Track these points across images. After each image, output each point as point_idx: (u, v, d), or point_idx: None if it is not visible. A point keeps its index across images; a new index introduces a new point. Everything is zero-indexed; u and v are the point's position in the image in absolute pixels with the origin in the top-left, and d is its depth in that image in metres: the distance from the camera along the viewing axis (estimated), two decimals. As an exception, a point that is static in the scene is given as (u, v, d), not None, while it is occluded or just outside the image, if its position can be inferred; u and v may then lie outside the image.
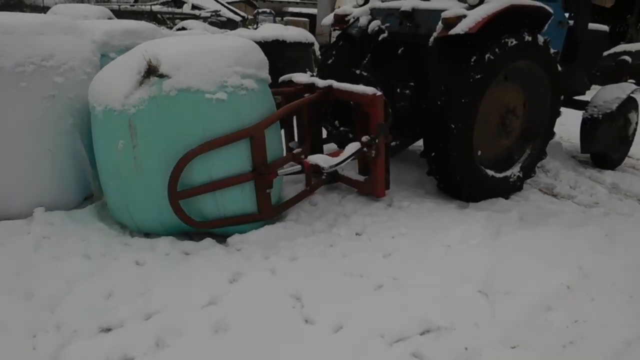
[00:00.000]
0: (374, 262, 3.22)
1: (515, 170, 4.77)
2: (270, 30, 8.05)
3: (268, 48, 5.69)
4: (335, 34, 5.56)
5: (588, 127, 5.66)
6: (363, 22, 5.00)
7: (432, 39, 4.24)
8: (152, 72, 3.21)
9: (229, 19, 30.01)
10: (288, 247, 3.35)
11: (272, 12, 30.71)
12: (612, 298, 2.87)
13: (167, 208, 3.33)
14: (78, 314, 2.55)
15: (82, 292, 2.73)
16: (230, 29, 21.68)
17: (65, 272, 2.91)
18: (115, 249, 3.25)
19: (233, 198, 3.47)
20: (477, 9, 4.01)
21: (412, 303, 2.75)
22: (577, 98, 6.22)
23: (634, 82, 7.33)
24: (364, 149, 3.93)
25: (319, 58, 10.35)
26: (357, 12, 5.14)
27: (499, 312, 2.73)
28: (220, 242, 3.45)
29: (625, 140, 6.07)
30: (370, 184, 4.19)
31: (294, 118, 4.55)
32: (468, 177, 4.32)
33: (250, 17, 33.71)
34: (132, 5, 33.14)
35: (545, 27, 4.53)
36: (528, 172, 4.88)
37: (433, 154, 4.28)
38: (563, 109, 5.16)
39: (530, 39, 4.27)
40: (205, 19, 26.00)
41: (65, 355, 2.30)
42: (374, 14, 5.07)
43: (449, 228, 3.67)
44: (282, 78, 4.53)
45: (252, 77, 3.43)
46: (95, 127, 3.50)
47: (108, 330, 2.50)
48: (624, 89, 5.84)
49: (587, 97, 6.14)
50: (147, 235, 3.54)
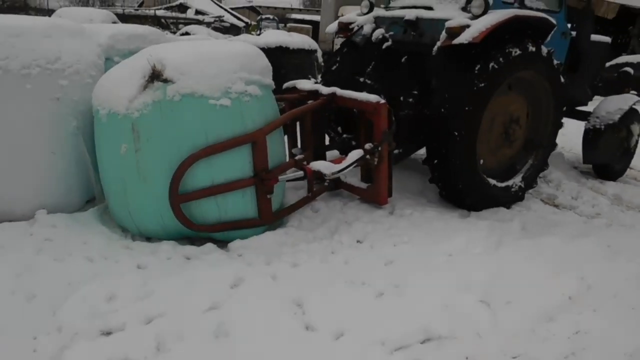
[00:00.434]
0: (376, 269, 3.22)
1: (517, 180, 4.78)
2: (274, 37, 8.09)
3: (271, 54, 5.70)
4: (338, 41, 5.59)
5: (590, 137, 5.68)
6: (367, 30, 5.02)
7: (436, 48, 4.26)
8: (156, 76, 3.24)
9: (232, 25, 30.22)
10: (289, 253, 3.35)
11: (275, 18, 30.94)
12: (614, 309, 2.86)
13: (168, 212, 3.34)
14: (79, 317, 2.54)
15: (83, 294, 2.73)
16: (234, 35, 21.81)
17: (67, 274, 2.91)
18: (117, 252, 3.25)
19: (234, 202, 3.48)
20: (480, 19, 4.03)
21: (413, 311, 2.74)
22: (579, 108, 6.23)
23: (636, 93, 7.36)
24: (367, 157, 3.94)
25: (322, 65, 10.40)
26: (361, 20, 5.17)
27: (501, 321, 2.72)
28: (222, 247, 3.46)
29: (627, 152, 6.09)
30: (373, 192, 4.20)
31: (297, 124, 4.56)
32: (470, 185, 4.32)
33: (254, 23, 33.93)
34: (136, 10, 33.40)
35: (549, 37, 4.55)
36: (530, 182, 4.89)
37: (436, 162, 4.29)
38: (565, 119, 5.17)
39: (534, 50, 4.29)
40: (209, 25, 26.20)
41: (66, 358, 2.29)
42: (378, 23, 5.10)
43: (451, 237, 3.67)
44: (286, 85, 4.55)
45: (256, 83, 3.45)
46: (99, 130, 3.52)
47: (109, 334, 2.49)
48: (627, 101, 5.86)
49: (589, 107, 6.16)
50: (148, 239, 3.54)
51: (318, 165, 3.83)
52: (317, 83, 4.64)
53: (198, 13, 31.80)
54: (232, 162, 3.38)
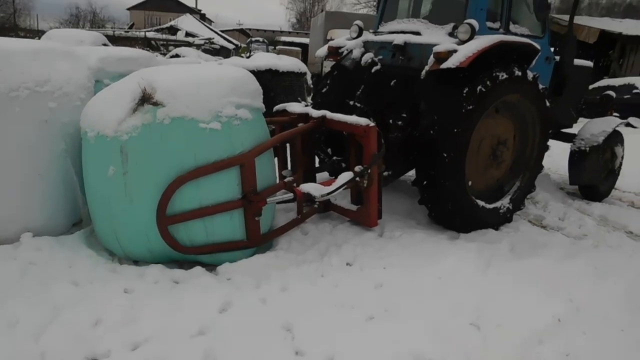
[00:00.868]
0: (366, 293, 3.21)
1: (505, 202, 4.83)
2: (264, 60, 8.15)
3: (261, 77, 5.75)
4: (328, 64, 5.65)
5: (576, 159, 5.78)
6: (356, 54, 5.10)
7: (424, 72, 4.33)
8: (146, 99, 3.23)
9: (222, 47, 30.41)
10: (279, 276, 3.33)
11: (264, 41, 31.32)
12: (603, 332, 2.87)
13: (155, 235, 3.31)
14: (63, 343, 2.49)
15: (68, 320, 2.68)
16: (224, 57, 21.95)
17: (52, 299, 2.85)
18: (104, 276, 3.20)
19: (222, 225, 3.46)
20: (467, 45, 4.12)
21: (403, 335, 2.72)
22: (564, 131, 6.35)
23: (619, 115, 7.52)
24: (357, 179, 3.95)
25: (311, 87, 10.50)
26: (350, 44, 5.25)
27: (491, 345, 2.72)
28: (210, 270, 3.42)
29: (612, 173, 6.19)
30: (363, 214, 4.20)
31: (288, 146, 4.58)
32: (459, 206, 4.35)
33: (244, 45, 34.26)
34: (126, 31, 33.57)
35: (534, 62, 4.66)
36: (518, 204, 4.94)
37: (425, 183, 4.32)
38: (551, 142, 5.26)
39: (520, 74, 4.38)
40: (199, 47, 26.34)
41: (49, 387, 2.24)
42: (367, 47, 5.19)
43: (440, 259, 3.68)
44: (276, 107, 4.58)
45: (246, 107, 3.46)
46: (86, 152, 3.49)
47: (94, 360, 2.44)
48: (610, 123, 5.99)
49: (574, 129, 6.28)
50: (136, 263, 3.50)
51: (308, 188, 3.83)
52: (307, 106, 4.67)
53: (188, 35, 32.00)
54: (220, 184, 3.38)
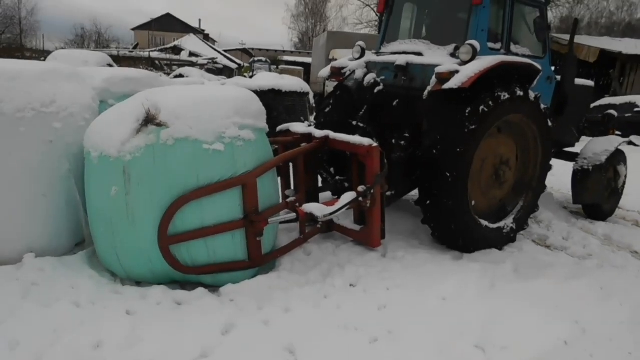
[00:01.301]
0: (369, 314, 3.18)
1: (509, 222, 4.81)
2: (267, 80, 8.24)
3: (264, 97, 5.81)
4: (330, 84, 5.70)
5: (579, 178, 5.78)
6: (359, 74, 5.14)
7: (426, 93, 4.36)
8: (150, 120, 3.25)
9: (225, 67, 30.79)
10: (282, 297, 3.30)
11: (267, 60, 31.61)
12: (610, 355, 2.84)
13: (157, 256, 3.30)
14: (64, 366, 2.46)
15: (69, 342, 2.65)
16: (227, 77, 22.21)
17: (53, 320, 2.83)
18: (106, 297, 3.19)
19: (224, 245, 3.45)
20: (469, 65, 4.16)
21: (407, 357, 2.69)
22: (567, 150, 6.36)
23: (620, 134, 7.54)
24: (360, 199, 3.95)
25: (314, 106, 10.58)
26: (353, 65, 5.30)
27: (497, 368, 2.68)
28: (213, 291, 3.40)
29: (615, 192, 6.17)
30: (366, 234, 4.19)
31: (291, 166, 4.59)
32: (462, 226, 4.34)
33: (246, 65, 34.62)
34: (131, 52, 33.99)
35: (535, 82, 4.69)
36: (521, 223, 4.92)
37: (428, 202, 4.32)
38: (553, 161, 5.26)
39: (522, 94, 4.41)
40: (202, 66, 26.66)
41: (49, 411, 2.21)
42: (370, 67, 5.23)
43: (444, 280, 3.65)
44: (280, 127, 4.61)
45: (249, 127, 3.49)
46: (89, 172, 3.50)
47: (95, 384, 2.41)
48: (612, 142, 6.00)
49: (576, 148, 6.29)
50: (138, 284, 3.48)
51: (310, 208, 3.82)
52: (310, 125, 4.70)
53: (192, 55, 32.42)
54: (222, 204, 3.37)
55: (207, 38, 49.92)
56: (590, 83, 6.58)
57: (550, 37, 5.60)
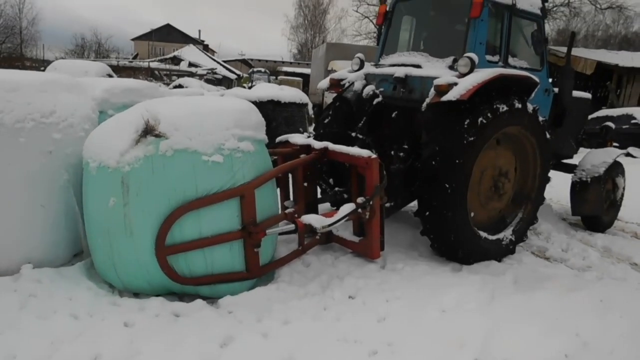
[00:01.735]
0: (368, 326, 3.16)
1: (508, 233, 4.81)
2: (266, 91, 8.28)
3: (263, 107, 5.84)
4: (329, 95, 5.73)
5: (578, 190, 5.79)
6: (358, 86, 5.17)
7: (425, 104, 4.38)
8: (149, 131, 3.26)
9: (225, 77, 30.92)
10: (281, 309, 3.29)
11: (266, 71, 31.78)
12: (611, 368, 2.81)
13: (155, 267, 3.28)
14: (61, 380, 2.44)
15: (67, 354, 2.63)
16: (226, 87, 22.30)
17: (51, 332, 2.81)
18: (104, 309, 3.16)
19: (222, 255, 3.43)
20: (467, 77, 4.18)
21: (408, 371, 2.67)
22: (565, 161, 6.38)
23: (618, 146, 7.57)
24: (359, 210, 3.95)
25: (312, 117, 10.61)
26: (352, 77, 5.33)
27: (497, 382, 2.66)
28: (211, 303, 3.38)
29: (614, 204, 6.19)
30: (365, 245, 4.18)
31: (290, 177, 4.59)
32: (462, 237, 4.34)
33: (246, 75, 34.78)
34: (130, 62, 34.12)
35: (533, 94, 4.71)
36: (520, 235, 4.92)
37: (427, 214, 4.31)
38: (552, 172, 5.28)
39: (520, 106, 4.43)
40: (202, 77, 26.76)
41: None
42: (369, 79, 5.26)
43: (444, 292, 3.64)
44: (279, 138, 4.62)
45: (248, 139, 3.49)
46: (87, 182, 3.49)
47: (92, 398, 2.39)
48: (610, 154, 6.03)
49: (574, 160, 6.31)
50: (136, 295, 3.46)
51: (309, 219, 3.82)
52: (309, 136, 4.71)
53: (191, 65, 32.55)
54: (220, 215, 3.37)
55: (206, 48, 50.17)
56: (588, 95, 6.62)
57: (548, 49, 5.65)
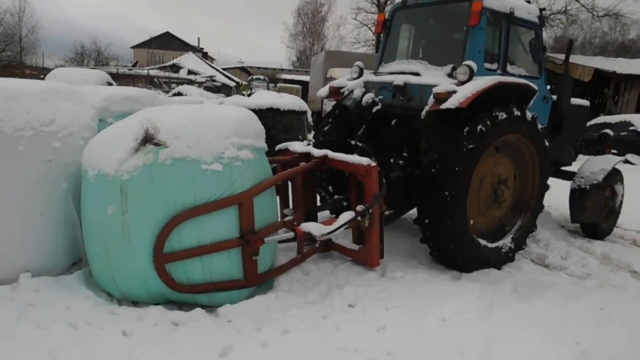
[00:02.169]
0: (368, 335, 3.15)
1: (507, 241, 4.81)
2: (265, 98, 8.30)
3: (262, 115, 5.84)
4: (328, 102, 5.75)
5: (577, 197, 5.80)
6: (357, 94, 5.18)
7: (424, 112, 4.39)
8: (149, 139, 3.26)
9: (224, 84, 30.98)
10: (280, 318, 3.27)
11: (265, 78, 31.86)
12: (611, 377, 2.80)
13: (153, 276, 3.28)
14: (59, 390, 2.42)
15: (64, 365, 2.62)
16: (225, 94, 22.35)
17: (49, 342, 2.80)
18: (102, 318, 3.15)
19: (220, 263, 3.43)
20: (466, 85, 4.20)
21: (407, 381, 2.66)
22: (564, 169, 6.39)
23: (616, 153, 7.59)
24: (358, 218, 3.95)
25: (311, 124, 10.63)
26: (351, 84, 5.34)
27: (498, 391, 2.65)
28: (210, 312, 3.37)
29: (613, 211, 6.19)
30: (364, 254, 4.18)
31: (289, 185, 4.59)
32: (461, 245, 4.33)
33: (245, 83, 34.85)
34: (130, 69, 34.21)
35: (531, 102, 4.73)
36: (519, 243, 4.91)
37: (427, 221, 4.31)
38: (551, 179, 5.28)
39: (519, 114, 4.45)
40: (201, 84, 26.82)
41: None
42: (368, 87, 5.28)
43: (443, 300, 3.63)
44: (278, 146, 4.62)
45: (248, 147, 3.49)
46: (86, 191, 3.49)
47: (90, 409, 2.37)
48: (609, 161, 6.04)
49: (573, 167, 6.32)
50: (135, 304, 3.44)
51: (308, 227, 3.81)
52: (308, 144, 4.72)
53: (190, 73, 32.63)
54: (218, 223, 3.37)
55: (205, 56, 50.32)
56: (586, 102, 6.64)
57: (546, 57, 5.68)
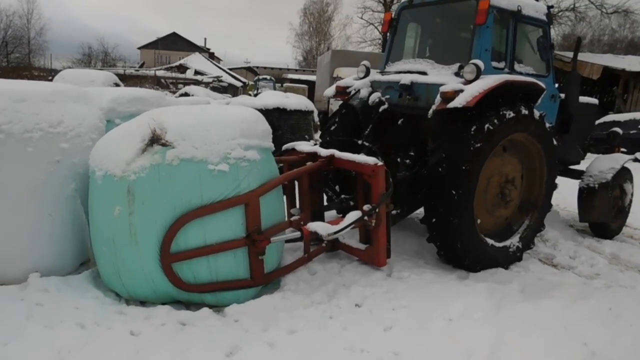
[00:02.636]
0: (375, 336, 3.14)
1: (515, 241, 4.78)
2: (272, 98, 8.31)
3: (269, 115, 5.86)
4: (334, 102, 5.74)
5: (585, 196, 5.75)
6: (364, 93, 5.17)
7: (431, 111, 4.38)
8: (155, 140, 3.27)
9: (230, 85, 31.04)
10: (287, 319, 3.28)
11: (272, 78, 31.87)
12: (621, 378, 2.78)
13: (160, 276, 3.29)
14: (68, 390, 2.44)
15: (73, 365, 2.64)
16: (232, 95, 22.39)
17: (57, 342, 2.82)
18: (110, 318, 3.17)
19: (226, 263, 3.44)
20: (473, 84, 4.18)
21: (415, 381, 2.65)
22: (572, 167, 6.34)
23: (626, 151, 7.53)
24: (365, 218, 3.94)
25: (318, 124, 10.63)
26: (358, 84, 5.34)
27: (505, 392, 2.63)
28: (217, 312, 3.38)
29: (622, 210, 6.13)
30: (371, 253, 4.17)
31: (296, 185, 4.59)
32: (468, 245, 4.31)
33: (251, 83, 34.90)
34: (137, 70, 34.37)
35: (539, 101, 4.70)
36: (527, 242, 4.88)
37: (434, 221, 4.30)
38: (559, 178, 5.25)
39: (527, 113, 4.42)
40: (207, 85, 26.89)
41: None
42: (375, 87, 5.27)
43: (450, 300, 3.61)
44: (285, 146, 4.63)
45: (255, 147, 3.50)
46: (93, 191, 3.51)
47: (98, 408, 2.39)
48: (618, 160, 5.98)
49: (582, 166, 6.27)
50: (143, 304, 3.46)
51: (315, 226, 3.82)
52: (315, 144, 4.72)
53: (197, 73, 32.72)
54: (225, 222, 3.37)
55: (212, 56, 50.46)
56: (595, 100, 6.58)
57: (553, 55, 5.63)
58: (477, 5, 4.53)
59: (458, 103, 4.07)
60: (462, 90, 4.13)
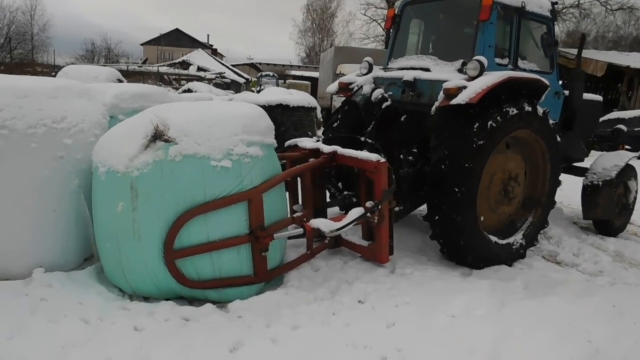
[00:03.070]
0: (378, 332, 3.14)
1: (518, 238, 4.77)
2: (275, 95, 8.29)
3: (272, 112, 5.85)
4: (337, 98, 5.72)
5: (589, 193, 5.73)
6: (367, 90, 5.16)
7: (434, 108, 4.36)
8: (158, 136, 3.28)
9: (233, 81, 31.04)
10: (290, 315, 3.28)
11: (274, 75, 31.84)
12: (624, 375, 2.78)
13: (163, 272, 3.30)
14: (72, 384, 2.45)
15: (77, 358, 2.65)
16: (234, 91, 22.39)
17: (61, 337, 2.83)
18: (114, 313, 3.18)
19: (229, 259, 3.44)
20: (476, 81, 4.16)
21: (417, 377, 2.65)
22: (576, 165, 6.32)
23: (630, 148, 7.50)
24: (368, 215, 3.94)
25: (321, 121, 10.63)
26: (360, 80, 5.32)
27: (508, 389, 2.63)
28: (221, 307, 3.39)
29: (626, 207, 6.11)
30: (374, 250, 4.17)
31: (299, 181, 4.59)
32: (471, 241, 4.30)
33: (254, 79, 34.87)
34: (140, 66, 34.39)
35: (543, 97, 4.68)
36: (531, 239, 4.87)
37: (436, 218, 4.29)
38: (563, 175, 5.23)
39: (530, 109, 4.40)
40: (210, 81, 26.88)
41: None
42: (377, 83, 5.25)
43: (453, 297, 3.61)
44: (288, 143, 4.62)
45: (257, 144, 3.50)
46: (96, 187, 3.52)
47: (102, 403, 2.40)
48: (622, 157, 5.95)
49: (585, 163, 6.25)
50: (146, 299, 3.47)
51: (317, 223, 3.81)
52: (318, 140, 4.71)
53: (200, 70, 32.72)
54: (228, 219, 3.38)
55: (215, 53, 50.44)
56: (599, 97, 6.56)
57: (557, 51, 5.61)
58: (480, 1, 4.50)
59: (461, 100, 4.06)
60: (465, 87, 4.11)
